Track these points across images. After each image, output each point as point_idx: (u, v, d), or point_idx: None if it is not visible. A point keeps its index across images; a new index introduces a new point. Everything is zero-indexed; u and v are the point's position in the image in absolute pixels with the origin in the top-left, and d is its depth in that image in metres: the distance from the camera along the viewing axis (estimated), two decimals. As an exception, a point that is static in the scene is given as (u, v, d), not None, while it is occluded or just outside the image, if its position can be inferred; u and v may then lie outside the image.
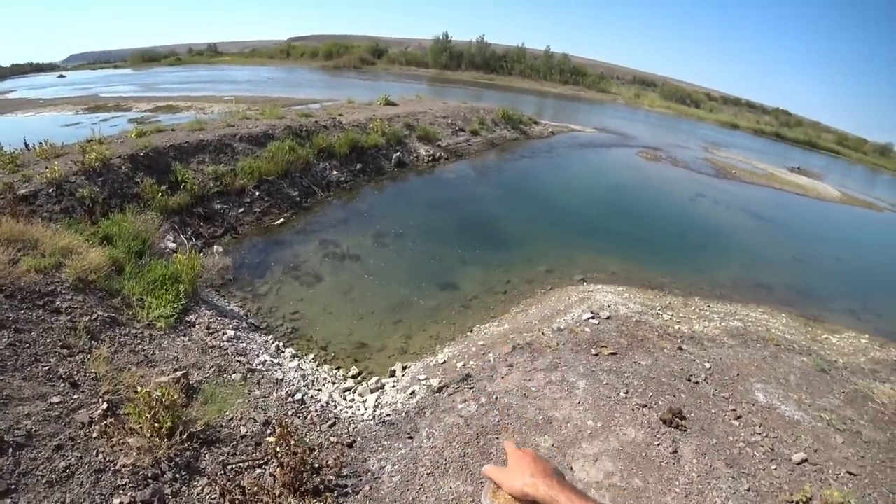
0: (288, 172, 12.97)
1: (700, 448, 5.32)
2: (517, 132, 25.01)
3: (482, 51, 74.30)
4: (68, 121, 21.98)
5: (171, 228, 9.65)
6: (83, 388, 4.65)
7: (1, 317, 4.98)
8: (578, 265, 11.10)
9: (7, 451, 3.60)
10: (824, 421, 6.15)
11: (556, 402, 5.87)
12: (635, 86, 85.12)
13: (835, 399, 6.73)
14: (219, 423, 4.91)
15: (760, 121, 70.51)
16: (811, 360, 7.74)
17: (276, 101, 24.18)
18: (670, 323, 8.37)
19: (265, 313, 8.17)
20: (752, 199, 20.60)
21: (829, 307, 10.89)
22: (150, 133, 12.27)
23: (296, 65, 70.95)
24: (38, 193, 8.42)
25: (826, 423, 6.12)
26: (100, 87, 38.13)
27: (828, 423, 6.11)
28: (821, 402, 6.58)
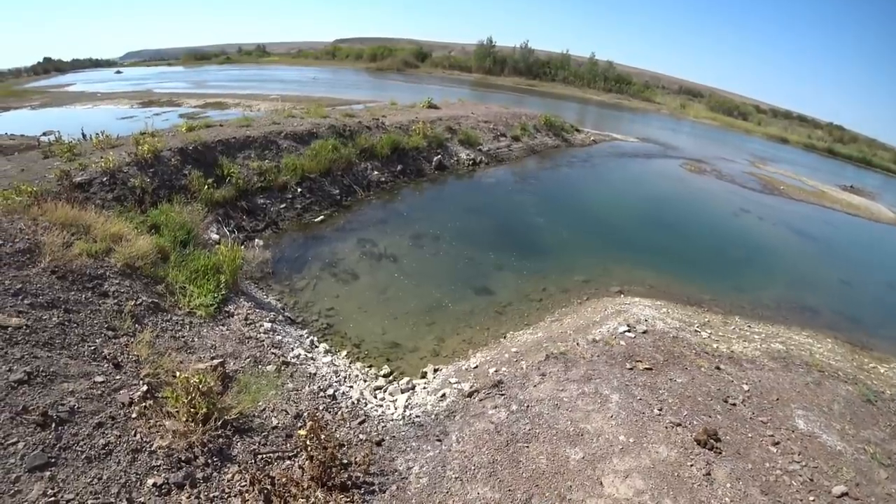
0: (330, 171, 13.15)
1: (735, 472, 5.09)
2: (559, 139, 24.75)
3: (526, 56, 73.94)
4: (123, 114, 22.89)
5: (215, 220, 9.89)
6: (125, 370, 4.78)
7: (52, 297, 5.18)
8: (616, 277, 10.87)
9: (50, 425, 3.73)
10: (868, 454, 5.81)
11: (589, 415, 5.74)
12: (681, 96, 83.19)
13: (880, 432, 6.35)
14: (252, 412, 4.98)
15: (812, 135, 67.70)
16: (857, 389, 7.35)
17: (321, 101, 24.58)
18: (708, 341, 8.09)
19: (301, 308, 8.28)
20: (799, 217, 19.76)
21: (878, 335, 10.27)
22: (199, 128, 12.63)
23: (341, 66, 72.16)
24: (92, 181, 8.75)
25: (870, 456, 5.78)
26: (153, 84, 39.59)
27: (871, 457, 5.77)
28: (865, 434, 6.23)
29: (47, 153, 9.86)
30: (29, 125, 19.43)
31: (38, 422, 3.68)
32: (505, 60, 73.40)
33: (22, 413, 3.69)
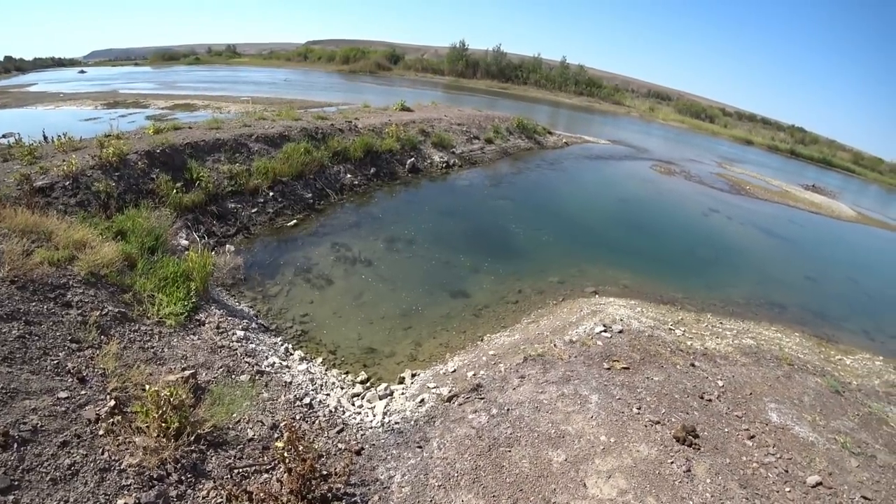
0: (302, 174, 12.95)
1: (713, 468, 5.15)
2: (531, 142, 24.93)
3: (498, 60, 74.49)
4: (87, 115, 22.19)
5: (185, 226, 9.63)
6: (91, 384, 4.58)
7: (12, 308, 4.95)
8: (590, 277, 10.96)
9: (12, 445, 3.54)
10: (839, 444, 5.97)
11: (569, 416, 5.74)
12: (650, 99, 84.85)
13: (849, 421, 6.54)
14: (226, 424, 4.83)
15: (775, 137, 69.76)
16: (825, 380, 7.55)
17: (293, 103, 24.30)
18: (682, 339, 8.21)
19: (275, 314, 8.11)
20: (765, 216, 20.32)
21: (843, 328, 10.66)
22: (167, 130, 12.31)
23: (313, 68, 71.55)
24: (54, 186, 8.42)
25: (840, 445, 5.94)
26: (119, 84, 38.60)
27: (842, 446, 5.92)
28: (835, 425, 6.39)
29: (6, 156, 9.45)
30: (-13, 127, 18.69)
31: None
32: (477, 63, 73.93)
33: (-20, 434, 3.49)
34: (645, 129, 49.99)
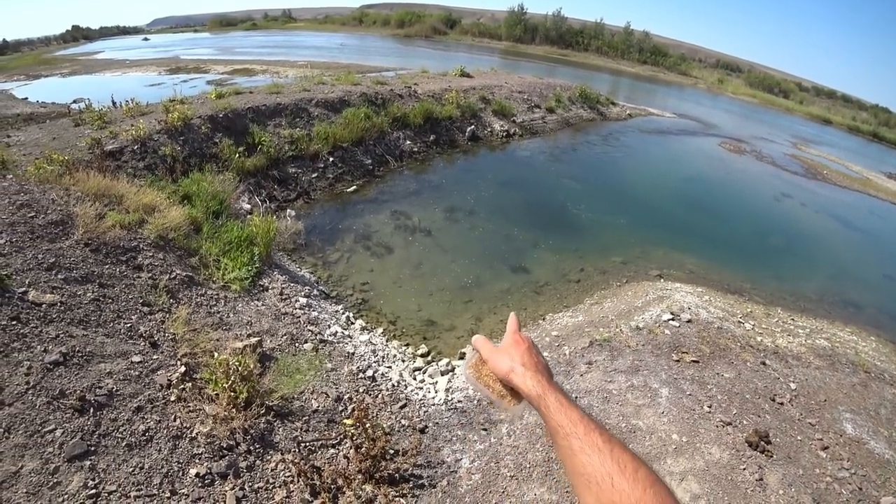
0: (362, 140, 12.80)
1: (786, 478, 4.80)
2: (594, 112, 23.89)
3: (558, 25, 71.77)
4: (152, 81, 22.73)
5: (247, 190, 9.67)
6: (162, 349, 4.59)
7: (87, 271, 5.00)
8: (654, 259, 10.41)
9: (88, 410, 3.55)
10: None
11: (639, 410, 5.43)
12: (718, 70, 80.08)
13: None
14: (291, 395, 4.77)
15: (857, 117, 64.50)
16: None
17: (350, 68, 24.07)
18: (752, 334, 7.67)
19: (335, 282, 8.06)
20: (842, 205, 18.72)
21: None
22: (228, 95, 12.35)
23: (368, 32, 71.14)
24: (123, 150, 8.56)
25: None
26: (180, 50, 39.38)
27: None
28: None
29: (78, 121, 9.70)
30: (59, 93, 19.38)
31: (76, 407, 3.49)
32: (536, 28, 71.46)
33: (59, 398, 3.50)
34: (712, 103, 47.30)
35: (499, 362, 1.00)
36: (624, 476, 0.76)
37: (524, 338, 1.05)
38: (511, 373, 0.97)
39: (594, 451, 0.80)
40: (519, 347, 1.02)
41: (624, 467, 0.77)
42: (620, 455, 0.79)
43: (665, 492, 0.76)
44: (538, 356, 1.02)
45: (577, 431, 0.84)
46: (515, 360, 0.99)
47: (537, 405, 0.93)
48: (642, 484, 0.75)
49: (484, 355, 1.04)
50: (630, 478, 0.76)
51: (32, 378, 3.58)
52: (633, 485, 0.75)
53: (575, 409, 0.89)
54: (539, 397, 0.92)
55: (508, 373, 0.97)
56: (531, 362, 0.99)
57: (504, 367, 0.99)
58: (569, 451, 0.84)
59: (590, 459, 0.80)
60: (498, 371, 1.00)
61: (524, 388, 0.95)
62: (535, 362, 0.99)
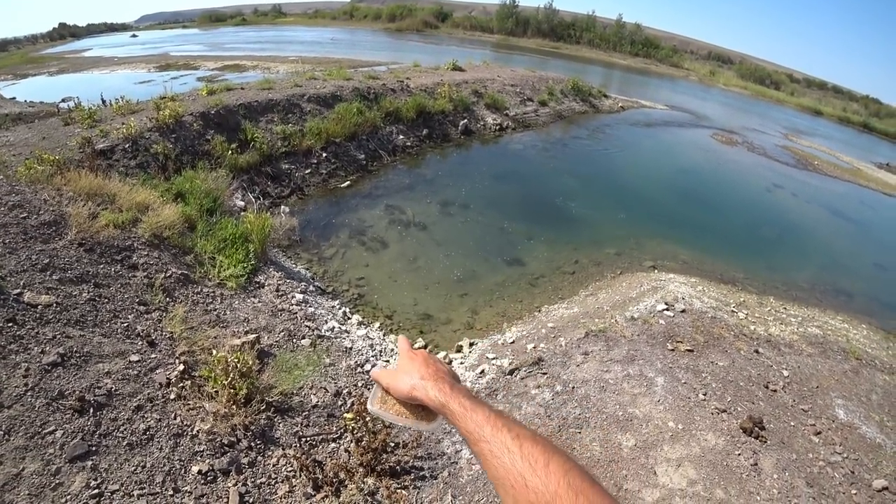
0: (355, 135, 12.76)
1: (780, 463, 4.88)
2: (587, 105, 23.89)
3: (550, 17, 71.56)
4: (141, 78, 22.55)
5: (240, 187, 9.63)
6: (160, 348, 4.60)
7: (81, 271, 4.98)
8: (648, 250, 10.48)
9: (88, 410, 3.55)
10: None
11: (636, 399, 5.48)
12: (710, 62, 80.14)
13: None
14: (291, 391, 4.79)
15: (847, 108, 64.68)
16: (893, 379, 7.02)
17: (341, 63, 23.98)
18: (745, 322, 7.75)
19: (331, 277, 8.06)
20: (833, 195, 18.83)
21: None
22: (219, 91, 12.26)
23: (359, 26, 70.63)
24: (114, 148, 8.50)
25: None
26: (170, 47, 39.04)
27: None
28: None
29: (67, 120, 9.60)
30: (48, 92, 19.22)
31: (76, 407, 3.49)
32: (528, 21, 71.25)
33: (58, 399, 3.50)
34: (704, 95, 47.36)
35: (399, 384, 0.97)
36: (535, 473, 0.72)
37: (417, 352, 1.03)
38: (413, 389, 0.94)
39: (503, 452, 0.77)
40: (414, 362, 0.99)
41: (535, 463, 0.74)
42: (530, 451, 0.76)
43: (580, 477, 0.72)
44: (437, 364, 1.00)
45: (484, 435, 0.81)
46: (414, 377, 0.95)
47: (444, 414, 0.90)
48: (555, 476, 0.71)
49: (384, 384, 1.00)
50: (542, 473, 0.72)
51: (31, 380, 3.58)
52: (545, 480, 0.71)
53: (480, 409, 0.85)
54: (443, 406, 0.89)
55: (411, 391, 0.94)
56: (429, 373, 0.96)
57: (405, 387, 0.95)
58: (483, 458, 0.80)
59: (501, 462, 0.76)
60: (400, 393, 0.96)
61: (427, 400, 0.92)
62: (434, 371, 0.96)
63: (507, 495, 0.74)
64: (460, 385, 0.94)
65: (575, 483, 0.70)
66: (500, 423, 0.81)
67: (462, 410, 0.86)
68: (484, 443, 0.80)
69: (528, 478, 0.72)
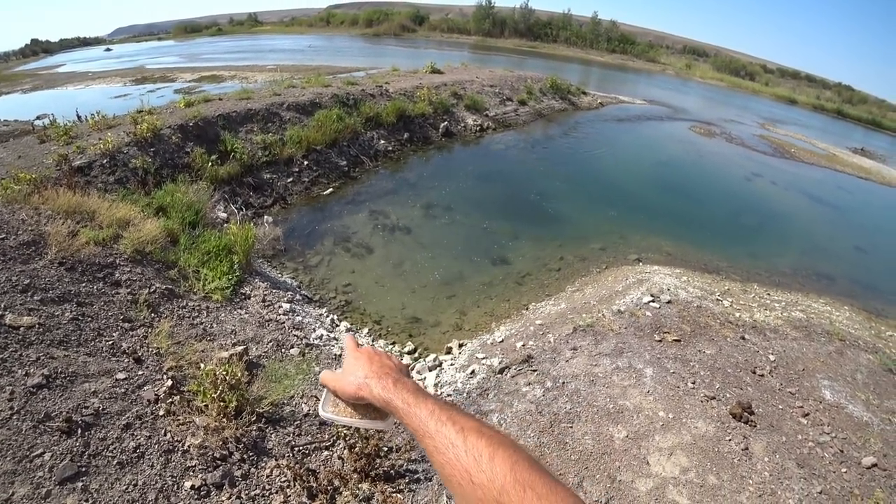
0: (336, 142, 12.74)
1: (770, 446, 4.97)
2: (565, 103, 24.13)
3: (526, 17, 72.19)
4: (117, 92, 22.28)
5: (222, 198, 9.58)
6: (147, 364, 4.55)
7: (63, 290, 4.92)
8: (632, 244, 10.63)
9: (76, 431, 3.51)
10: (893, 424, 5.68)
11: (626, 390, 5.54)
12: (686, 55, 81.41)
13: None
14: (281, 401, 4.77)
15: (821, 96, 66.24)
16: (877, 358, 7.16)
17: (320, 70, 23.88)
18: (731, 310, 7.88)
19: (317, 285, 8.04)
20: (811, 181, 19.27)
21: (894, 302, 10.11)
22: (198, 103, 12.18)
23: (336, 32, 70.60)
24: (92, 164, 8.41)
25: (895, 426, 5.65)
26: (146, 59, 38.70)
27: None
28: (889, 404, 6.06)
29: (43, 138, 9.48)
30: (22, 109, 18.89)
31: (63, 429, 3.45)
32: (505, 22, 71.91)
33: (45, 421, 3.46)
34: (682, 88, 48.11)
35: (345, 385, 0.93)
36: (480, 468, 0.69)
37: (361, 350, 1.00)
38: (358, 389, 0.90)
39: (448, 447, 0.74)
40: (359, 361, 0.96)
41: (480, 457, 0.70)
42: (475, 444, 0.72)
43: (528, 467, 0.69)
44: (381, 359, 0.97)
45: (428, 430, 0.78)
46: (359, 375, 0.92)
47: (390, 411, 0.87)
48: (501, 470, 0.68)
49: (332, 387, 0.96)
50: (487, 467, 0.69)
51: (16, 403, 3.53)
52: (491, 475, 0.68)
53: (424, 404, 0.81)
54: (387, 403, 0.85)
55: (356, 391, 0.90)
56: (373, 370, 0.92)
57: (350, 388, 0.91)
58: (429, 455, 0.77)
59: (447, 458, 0.73)
60: (347, 394, 0.92)
61: (373, 398, 0.88)
62: (378, 367, 0.93)
63: (456, 494, 0.72)
64: (406, 379, 0.91)
65: (522, 476, 0.67)
66: (445, 417, 0.78)
67: (405, 406, 0.82)
68: (429, 438, 0.77)
69: (473, 473, 0.69)
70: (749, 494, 4.38)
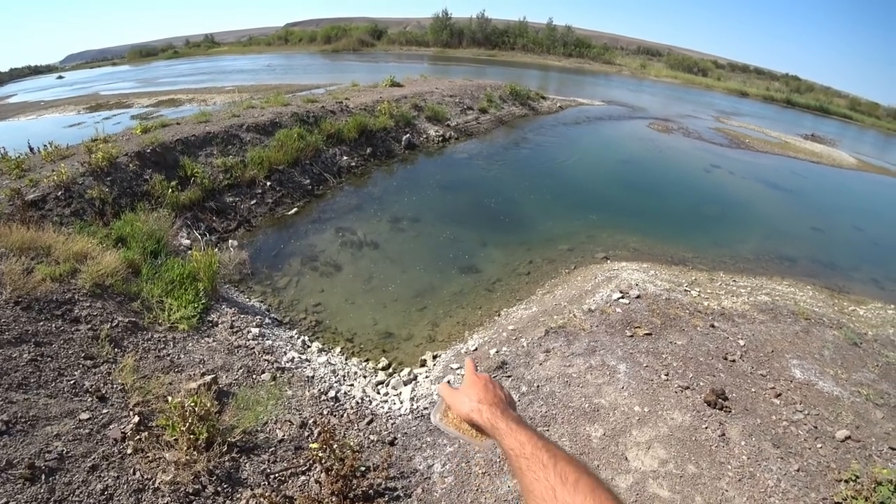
0: (298, 160, 12.64)
1: (746, 429, 5.10)
2: (526, 108, 24.46)
3: (483, 26, 72.96)
4: (71, 121, 21.68)
5: (185, 225, 9.40)
6: (112, 402, 4.43)
7: (20, 331, 4.77)
8: (599, 242, 10.82)
9: (40, 477, 3.39)
10: (862, 396, 5.89)
11: (600, 389, 5.62)
12: (640, 56, 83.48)
13: (870, 373, 6.44)
14: (254, 428, 4.70)
15: (770, 87, 68.80)
16: (842, 333, 7.44)
17: (279, 89, 23.73)
18: (699, 299, 8.09)
19: (287, 307, 7.95)
20: (767, 169, 20.02)
21: (853, 278, 10.57)
22: (154, 128, 11.96)
23: (294, 50, 70.04)
24: (46, 198, 8.17)
25: (864, 398, 5.86)
26: (100, 86, 37.73)
27: (866, 398, 5.84)
28: (857, 377, 6.30)
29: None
30: (-29, 144, 18.27)
31: (26, 476, 3.33)
32: (462, 32, 72.55)
33: (6, 469, 3.33)
34: (638, 87, 49.29)
35: (459, 405, 1.08)
36: (565, 487, 0.80)
37: (480, 376, 1.13)
38: (471, 412, 1.05)
39: (539, 467, 0.86)
40: (475, 386, 1.10)
41: (566, 479, 0.82)
42: (564, 468, 0.84)
43: (605, 495, 0.79)
44: (496, 390, 1.10)
45: (524, 452, 0.91)
46: (473, 399, 1.06)
47: (493, 435, 1.00)
48: (582, 493, 0.79)
49: (447, 401, 1.12)
50: (571, 489, 0.80)
51: (-27, 452, 3.41)
52: (573, 495, 0.79)
53: (524, 431, 0.95)
54: (493, 428, 1.00)
55: (469, 413, 1.05)
56: (487, 398, 1.06)
57: (465, 409, 1.06)
58: (519, 472, 0.89)
59: (535, 476, 0.85)
60: (460, 413, 1.07)
61: (481, 422, 1.02)
62: (492, 396, 1.07)
63: None
64: (511, 411, 1.06)
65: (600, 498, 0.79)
66: (541, 444, 0.91)
67: (508, 430, 0.97)
68: (523, 459, 0.90)
69: (558, 490, 0.81)
70: (729, 479, 4.48)
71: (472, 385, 1.11)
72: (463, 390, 1.11)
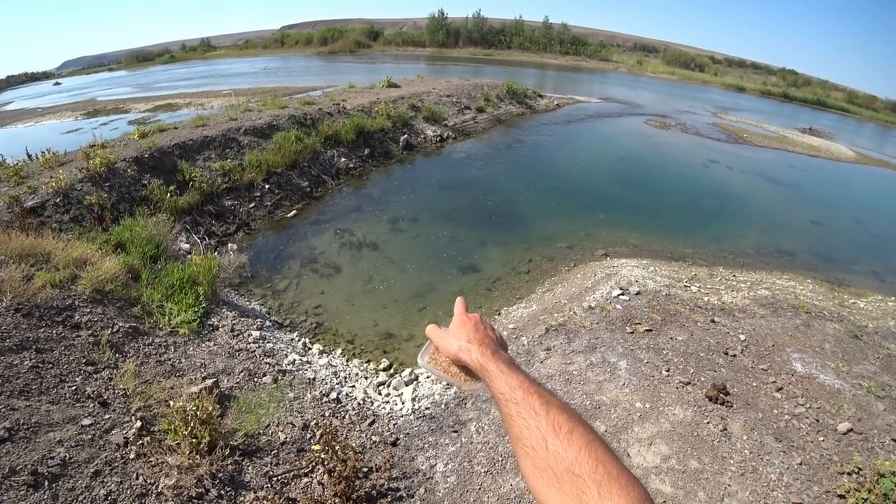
0: (296, 163, 12.64)
1: (748, 424, 5.10)
2: (523, 107, 24.44)
3: (479, 26, 73.13)
4: (68, 127, 21.70)
5: (184, 229, 9.41)
6: (114, 407, 4.44)
7: (21, 338, 4.77)
8: (598, 239, 10.82)
9: (43, 484, 3.40)
10: (864, 388, 5.88)
11: (601, 386, 5.63)
12: (637, 52, 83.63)
13: (871, 365, 6.43)
14: (257, 431, 4.71)
15: (767, 82, 69.02)
16: (843, 326, 7.43)
17: (276, 91, 23.71)
18: (699, 295, 8.08)
19: (287, 309, 7.94)
20: (765, 163, 20.04)
21: (853, 271, 10.56)
22: (152, 133, 11.95)
23: (291, 53, 70.14)
24: (45, 204, 8.18)
25: (866, 390, 5.85)
26: (97, 91, 37.78)
27: (867, 391, 5.83)
28: (858, 370, 6.29)
29: (-8, 180, 9.18)
30: (-32, 152, 18.28)
31: (29, 482, 3.34)
32: (458, 32, 72.72)
33: (10, 476, 3.34)
34: (635, 84, 49.28)
35: (448, 344, 1.02)
36: (558, 438, 0.76)
37: (470, 316, 1.07)
38: (459, 351, 0.98)
39: (530, 415, 0.80)
40: (465, 326, 1.03)
41: (559, 428, 0.77)
42: (557, 417, 0.79)
43: (602, 449, 0.75)
44: (486, 330, 1.04)
45: (515, 397, 0.85)
46: (462, 339, 1.00)
47: (482, 376, 0.94)
48: (577, 444, 0.74)
49: (435, 342, 1.06)
50: (564, 439, 0.75)
51: (-24, 459, 3.41)
52: (566, 445, 0.74)
53: (516, 374, 0.89)
54: (482, 369, 0.93)
55: (457, 352, 0.99)
56: (477, 337, 1.00)
57: (452, 348, 1.00)
58: (509, 419, 0.84)
59: (526, 423, 0.80)
60: (448, 353, 1.01)
61: (470, 362, 0.96)
62: (482, 336, 1.00)
63: (527, 457, 0.78)
64: (503, 352, 0.98)
65: (596, 453, 0.73)
66: (532, 389, 0.85)
67: (498, 373, 0.90)
68: (513, 404, 0.84)
69: (549, 440, 0.76)
70: (731, 474, 4.49)
71: (462, 325, 1.04)
72: (452, 330, 1.04)
